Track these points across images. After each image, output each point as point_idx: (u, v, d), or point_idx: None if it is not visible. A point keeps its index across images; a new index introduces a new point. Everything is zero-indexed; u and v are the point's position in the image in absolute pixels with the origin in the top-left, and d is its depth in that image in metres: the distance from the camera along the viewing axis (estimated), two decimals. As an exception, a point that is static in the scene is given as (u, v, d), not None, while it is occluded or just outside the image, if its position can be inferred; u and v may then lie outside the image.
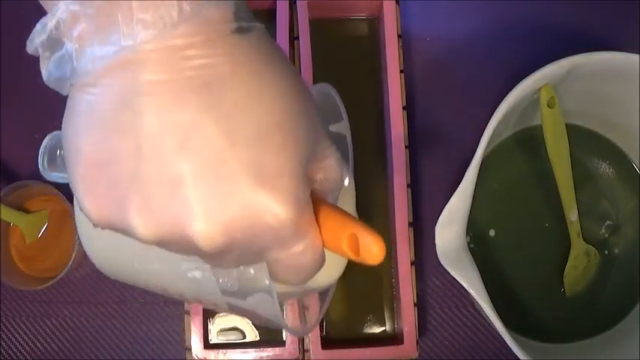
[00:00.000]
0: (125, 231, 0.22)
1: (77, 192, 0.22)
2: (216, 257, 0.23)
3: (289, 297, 0.40)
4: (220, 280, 0.29)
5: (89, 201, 0.22)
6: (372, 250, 0.25)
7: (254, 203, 0.21)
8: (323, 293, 0.40)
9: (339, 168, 0.27)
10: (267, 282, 0.27)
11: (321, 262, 0.25)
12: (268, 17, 0.52)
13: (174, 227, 0.21)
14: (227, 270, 0.28)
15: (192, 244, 0.21)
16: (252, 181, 0.21)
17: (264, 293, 0.28)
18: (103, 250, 0.35)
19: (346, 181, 0.40)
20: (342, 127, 0.40)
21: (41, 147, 0.37)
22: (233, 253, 0.22)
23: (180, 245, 0.22)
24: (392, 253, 0.50)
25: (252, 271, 0.28)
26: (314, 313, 0.43)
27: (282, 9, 0.51)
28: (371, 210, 0.52)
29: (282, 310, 0.36)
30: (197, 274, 0.30)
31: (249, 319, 0.36)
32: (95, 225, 0.22)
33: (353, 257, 0.25)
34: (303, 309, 0.44)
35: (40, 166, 0.35)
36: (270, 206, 0.21)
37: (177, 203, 0.20)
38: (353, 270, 0.51)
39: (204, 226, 0.21)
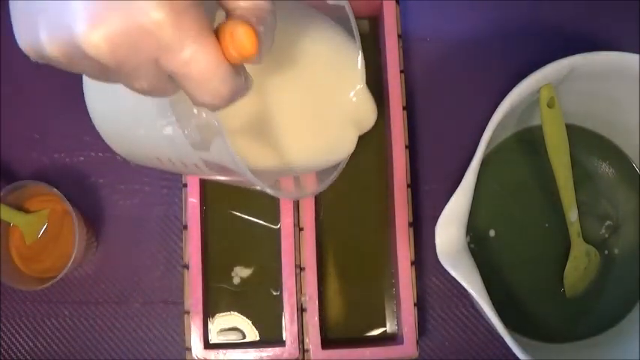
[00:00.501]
0: (45, 56, 0.26)
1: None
2: (117, 70, 0.24)
3: (277, 175, 0.42)
4: (185, 132, 0.32)
5: (17, 35, 0.27)
6: (242, 40, 0.25)
7: (128, 4, 0.23)
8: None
9: None
10: (215, 123, 0.30)
11: (222, 75, 0.25)
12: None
13: (68, 38, 0.24)
14: (186, 119, 0.31)
15: (84, 54, 0.24)
16: None
17: (219, 138, 0.31)
18: (108, 125, 0.39)
19: (359, 62, 0.42)
20: None
21: None
22: (128, 63, 0.24)
23: (80, 60, 0.24)
24: (392, 253, 0.50)
25: (203, 114, 0.31)
26: (311, 183, 0.44)
27: (282, 9, 0.51)
28: (371, 210, 0.52)
29: (278, 190, 0.38)
30: (169, 129, 0.33)
31: (228, 180, 0.38)
32: (32, 58, 0.27)
33: (236, 56, 0.26)
34: (297, 179, 0.45)
35: None
36: (144, 6, 0.23)
37: (67, 14, 0.23)
38: (353, 270, 0.51)
39: (87, 29, 0.23)
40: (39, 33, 0.25)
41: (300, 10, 0.41)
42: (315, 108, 0.42)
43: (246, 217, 0.52)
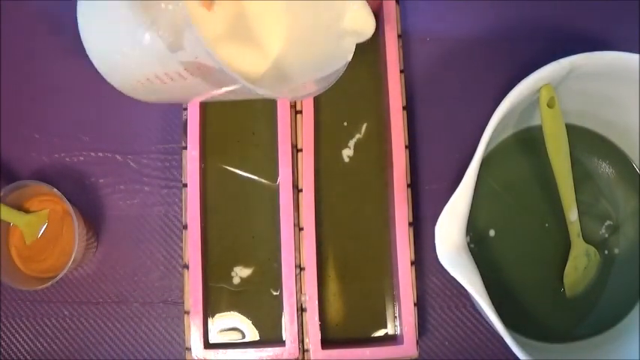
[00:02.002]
0: None
1: None
2: None
3: (272, 85, 0.41)
4: (160, 33, 0.33)
5: None
6: None
7: None
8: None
9: None
10: (180, 7, 0.30)
11: None
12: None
13: None
14: (158, 18, 0.32)
15: None
16: None
17: (188, 30, 0.31)
18: (99, 48, 0.39)
19: None
20: None
21: None
22: None
23: None
24: (392, 253, 0.50)
25: (170, 6, 0.31)
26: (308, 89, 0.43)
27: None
28: (371, 210, 0.52)
29: (271, 89, 0.37)
30: (147, 36, 0.33)
31: (219, 94, 0.37)
32: None
33: None
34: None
35: None
36: None
37: None
38: (353, 270, 0.51)
39: None
40: None
41: None
42: (313, 15, 0.42)
43: (244, 173, 0.52)
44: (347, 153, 0.52)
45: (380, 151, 0.53)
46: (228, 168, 0.52)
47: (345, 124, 0.53)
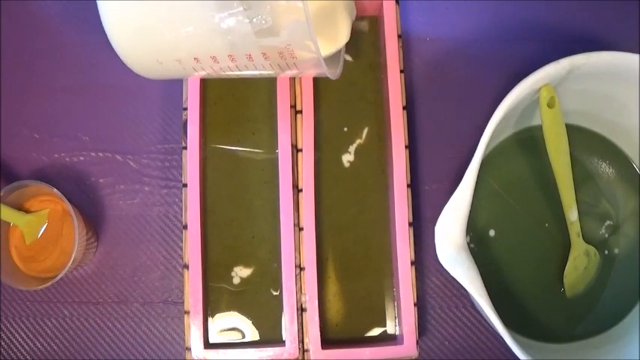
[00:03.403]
0: None
1: None
2: None
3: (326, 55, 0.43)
4: (255, 20, 0.34)
5: None
6: None
7: None
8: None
9: None
10: (300, 4, 0.32)
11: None
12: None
13: None
14: (259, 6, 0.33)
15: None
16: None
17: (297, 21, 0.33)
18: (133, 33, 0.38)
19: None
20: None
21: None
22: None
23: None
24: (392, 253, 0.50)
25: (283, 2, 0.33)
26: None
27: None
28: (371, 210, 0.52)
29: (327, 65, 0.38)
30: (231, 21, 0.34)
31: (280, 67, 0.39)
32: None
33: None
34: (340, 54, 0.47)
35: None
36: None
37: None
38: (353, 270, 0.51)
39: None
40: None
41: None
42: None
43: (244, 173, 0.52)
44: (347, 158, 0.53)
45: (380, 152, 0.52)
46: (229, 168, 0.52)
47: (346, 129, 0.53)
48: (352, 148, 0.53)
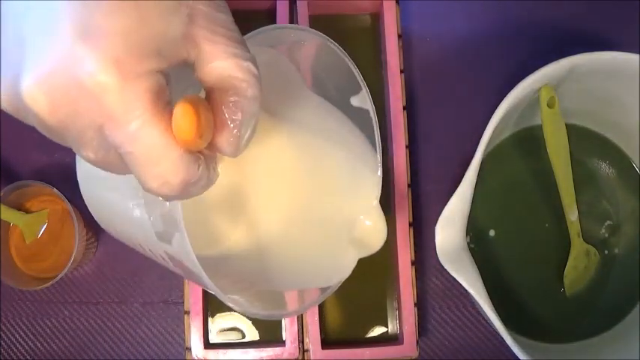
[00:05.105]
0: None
1: None
2: (61, 131, 0.22)
3: (249, 283, 0.38)
4: (151, 219, 0.29)
5: None
6: (179, 122, 0.22)
7: (71, 56, 0.20)
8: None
9: (242, 75, 0.24)
10: (177, 216, 0.26)
11: (172, 160, 0.22)
12: (268, 17, 0.52)
13: (13, 85, 0.21)
14: (153, 205, 0.29)
15: (25, 106, 0.21)
16: (75, 33, 0.20)
17: (178, 233, 0.27)
18: (93, 203, 0.38)
19: (379, 172, 0.38)
20: (362, 98, 0.36)
21: None
22: (71, 126, 0.22)
23: (24, 112, 0.22)
24: (392, 253, 0.50)
25: (167, 203, 0.28)
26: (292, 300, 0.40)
27: (282, 8, 0.51)
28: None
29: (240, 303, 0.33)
30: (137, 212, 0.30)
31: (195, 281, 0.35)
32: None
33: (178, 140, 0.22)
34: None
35: None
36: (86, 62, 0.20)
37: (15, 58, 0.21)
38: (353, 270, 0.51)
39: (29, 79, 0.21)
40: None
41: (325, 108, 0.38)
42: (318, 216, 0.38)
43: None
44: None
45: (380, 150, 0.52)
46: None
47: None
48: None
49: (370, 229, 0.38)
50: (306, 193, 0.38)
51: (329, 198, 0.38)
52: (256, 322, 0.50)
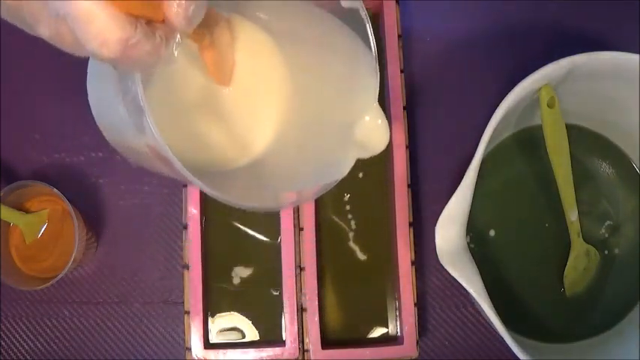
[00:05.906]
0: None
1: None
2: (16, 11, 0.24)
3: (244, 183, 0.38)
4: (128, 110, 0.30)
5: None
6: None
7: None
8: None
9: None
10: (138, 90, 0.27)
11: (107, 17, 0.24)
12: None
13: None
14: (127, 96, 0.29)
15: None
16: None
17: (143, 114, 0.28)
18: (102, 119, 0.37)
19: (374, 77, 0.38)
20: None
21: None
22: (24, 3, 0.24)
23: None
24: (392, 253, 0.50)
25: (133, 88, 0.29)
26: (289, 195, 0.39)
27: None
28: (371, 210, 0.52)
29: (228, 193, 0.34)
30: (121, 109, 0.31)
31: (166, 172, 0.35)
32: None
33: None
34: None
35: None
36: None
37: None
38: (353, 270, 0.51)
39: None
40: None
41: (315, 14, 0.38)
42: (316, 119, 0.38)
43: (247, 230, 0.51)
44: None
45: (380, 153, 0.52)
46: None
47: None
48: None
49: (373, 129, 0.38)
50: (300, 97, 0.38)
51: (326, 101, 0.38)
52: (256, 322, 0.50)
